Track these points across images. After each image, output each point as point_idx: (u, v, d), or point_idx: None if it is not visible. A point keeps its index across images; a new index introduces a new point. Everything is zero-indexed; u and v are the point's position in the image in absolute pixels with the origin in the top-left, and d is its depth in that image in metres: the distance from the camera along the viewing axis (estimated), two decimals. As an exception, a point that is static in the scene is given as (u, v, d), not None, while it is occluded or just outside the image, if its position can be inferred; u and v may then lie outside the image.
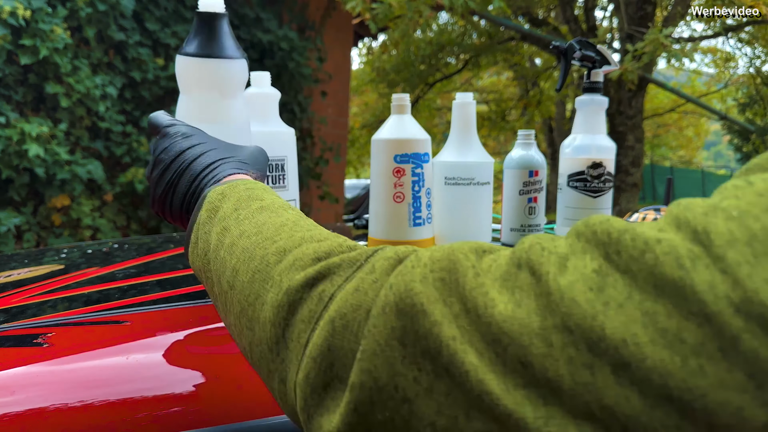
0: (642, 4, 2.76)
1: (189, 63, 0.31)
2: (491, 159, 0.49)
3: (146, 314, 0.33)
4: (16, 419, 0.23)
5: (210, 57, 0.31)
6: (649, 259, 0.10)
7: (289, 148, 0.44)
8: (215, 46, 0.31)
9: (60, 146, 1.63)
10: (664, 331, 0.09)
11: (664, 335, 0.09)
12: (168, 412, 0.24)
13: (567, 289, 0.10)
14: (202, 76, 0.31)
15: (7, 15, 1.46)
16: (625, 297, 0.10)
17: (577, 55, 0.52)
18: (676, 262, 0.10)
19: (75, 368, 0.26)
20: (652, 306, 0.09)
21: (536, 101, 5.27)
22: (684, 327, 0.09)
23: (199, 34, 0.31)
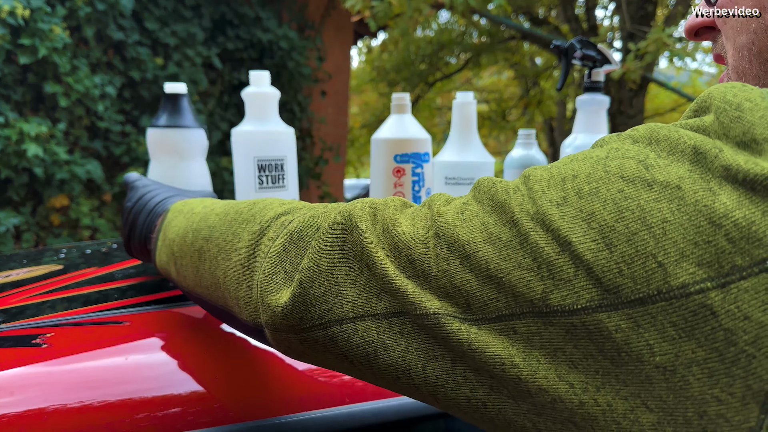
0: (643, 3, 2.76)
1: (156, 132, 0.39)
2: (492, 159, 0.49)
3: (145, 315, 0.33)
4: (15, 420, 0.23)
5: (172, 127, 0.39)
6: (491, 191, 0.16)
7: (289, 148, 0.44)
8: (177, 118, 0.39)
9: (59, 146, 1.62)
10: (490, 233, 0.14)
11: (490, 236, 0.14)
12: (167, 412, 0.24)
13: (443, 213, 0.16)
14: (165, 143, 0.39)
15: (5, 14, 1.46)
16: (473, 215, 0.15)
17: (578, 55, 0.51)
18: (505, 191, 0.15)
19: (74, 369, 0.26)
20: (487, 218, 0.15)
21: (537, 101, 5.27)
22: (501, 230, 0.14)
23: (164, 109, 0.39)
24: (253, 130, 0.43)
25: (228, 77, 2.18)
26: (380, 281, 0.16)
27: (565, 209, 0.13)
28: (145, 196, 0.32)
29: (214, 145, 2.17)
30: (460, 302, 0.14)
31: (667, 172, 0.13)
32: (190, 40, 1.97)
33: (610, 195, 0.13)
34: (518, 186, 0.15)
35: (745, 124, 0.12)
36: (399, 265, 0.16)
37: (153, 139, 0.40)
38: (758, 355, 0.11)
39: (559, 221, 0.13)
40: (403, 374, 0.15)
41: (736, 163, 0.12)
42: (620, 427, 0.12)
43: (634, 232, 0.12)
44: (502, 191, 0.15)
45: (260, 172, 0.43)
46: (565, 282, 0.13)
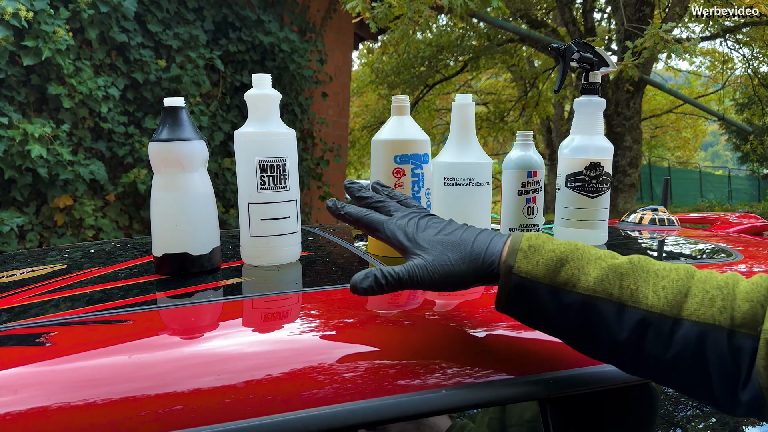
0: (640, 5, 2.77)
1: (157, 146, 0.40)
2: (490, 160, 0.49)
3: (148, 314, 0.33)
4: (19, 418, 0.23)
5: (173, 141, 0.40)
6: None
7: (290, 149, 0.45)
8: (177, 131, 0.40)
9: (62, 147, 1.63)
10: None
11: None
12: (170, 410, 0.24)
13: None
14: (167, 156, 0.40)
15: (9, 16, 1.47)
16: None
17: (576, 57, 0.52)
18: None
19: (77, 367, 0.27)
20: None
21: (535, 102, 5.28)
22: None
23: (164, 123, 0.41)
24: (254, 132, 0.44)
25: (230, 79, 2.20)
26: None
27: None
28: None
29: (217, 146, 2.18)
30: None
31: None
32: (192, 42, 1.98)
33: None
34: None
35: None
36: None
37: (155, 153, 0.40)
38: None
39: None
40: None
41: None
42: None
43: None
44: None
45: (262, 172, 0.43)
46: None
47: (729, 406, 0.22)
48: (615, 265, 0.25)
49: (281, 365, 0.28)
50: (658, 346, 0.23)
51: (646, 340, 0.23)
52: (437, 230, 0.29)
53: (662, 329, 0.23)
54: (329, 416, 0.26)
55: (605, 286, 0.24)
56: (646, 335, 0.23)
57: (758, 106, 4.97)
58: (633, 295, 0.24)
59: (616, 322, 0.24)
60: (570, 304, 0.24)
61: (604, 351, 0.25)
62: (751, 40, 4.24)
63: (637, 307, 0.23)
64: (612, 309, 0.24)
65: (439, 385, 0.28)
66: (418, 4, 1.94)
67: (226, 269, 0.44)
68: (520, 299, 0.26)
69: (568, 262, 0.25)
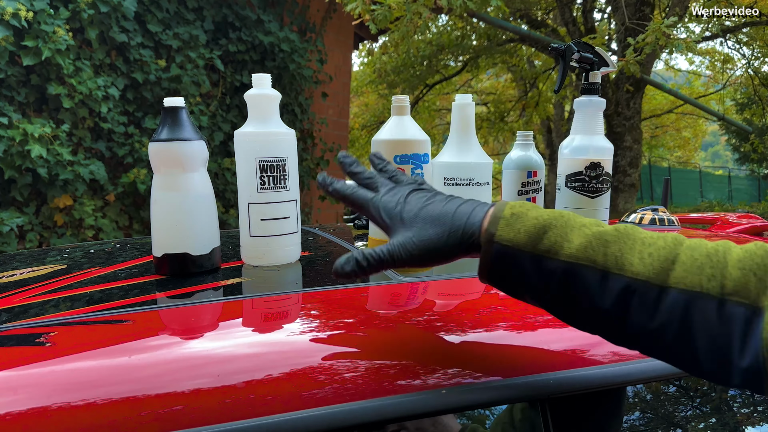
0: (640, 5, 2.77)
1: (157, 146, 0.40)
2: (490, 160, 0.49)
3: (148, 314, 0.33)
4: (19, 418, 0.23)
5: (173, 141, 0.40)
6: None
7: (290, 149, 0.45)
8: (177, 131, 0.40)
9: (62, 147, 1.63)
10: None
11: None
12: (170, 410, 0.24)
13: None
14: (167, 156, 0.40)
15: (9, 16, 1.47)
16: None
17: (576, 57, 0.52)
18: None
19: (77, 367, 0.27)
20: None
21: (535, 102, 5.28)
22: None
23: (164, 123, 0.40)
24: (254, 132, 0.44)
25: (230, 79, 2.20)
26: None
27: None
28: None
29: (217, 146, 2.18)
30: None
31: None
32: (192, 42, 1.98)
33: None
34: None
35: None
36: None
37: (155, 153, 0.40)
38: None
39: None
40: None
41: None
42: None
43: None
44: None
45: (262, 172, 0.43)
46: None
47: (719, 376, 0.21)
48: (600, 233, 0.24)
49: (281, 365, 0.28)
50: (644, 314, 0.22)
51: (631, 308, 0.22)
52: (421, 205, 0.28)
53: (648, 297, 0.22)
54: (329, 416, 0.26)
55: (588, 253, 0.23)
56: (631, 303, 0.22)
57: (758, 106, 4.97)
58: (617, 262, 0.23)
59: (599, 290, 0.23)
60: (552, 272, 0.24)
61: (588, 320, 0.24)
62: (752, 40, 4.24)
63: (621, 274, 0.22)
64: (595, 276, 0.23)
65: (439, 385, 0.28)
66: (417, 6, 1.94)
67: (226, 269, 0.44)
68: (502, 268, 0.25)
69: (551, 229, 0.24)
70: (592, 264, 0.23)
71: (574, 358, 0.30)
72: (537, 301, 0.25)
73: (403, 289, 0.39)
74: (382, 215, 0.28)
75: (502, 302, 0.36)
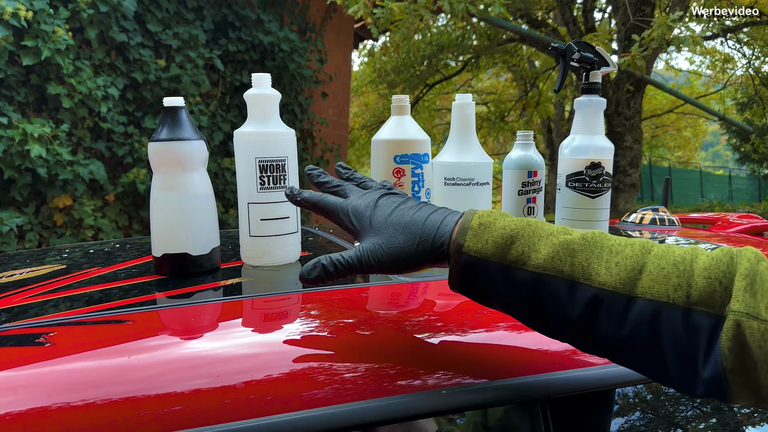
0: (641, 5, 2.77)
1: (157, 146, 0.40)
2: (490, 159, 0.49)
3: (148, 314, 0.33)
4: (19, 418, 0.23)
5: (172, 140, 0.40)
6: None
7: (290, 149, 0.45)
8: (177, 131, 0.40)
9: (62, 147, 1.63)
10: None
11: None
12: (169, 411, 0.24)
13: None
14: (167, 156, 0.40)
15: (9, 16, 1.47)
16: None
17: (576, 57, 0.52)
18: None
19: (77, 368, 0.27)
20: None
21: (535, 102, 5.28)
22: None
23: (164, 123, 0.40)
24: (254, 131, 0.44)
25: (230, 79, 2.20)
26: None
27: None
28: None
29: (216, 146, 2.18)
30: None
31: None
32: (192, 42, 1.98)
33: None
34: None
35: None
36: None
37: (154, 153, 0.40)
38: None
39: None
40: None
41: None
42: None
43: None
44: None
45: (262, 172, 0.43)
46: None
47: (688, 386, 0.21)
48: (567, 242, 0.24)
49: (281, 365, 0.28)
50: (612, 324, 0.22)
51: (599, 318, 0.22)
52: (390, 210, 0.28)
53: (615, 307, 0.22)
54: (329, 416, 0.26)
55: (555, 263, 0.23)
56: (599, 313, 0.22)
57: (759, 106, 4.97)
58: (585, 272, 0.23)
59: (568, 300, 0.23)
60: (521, 282, 0.24)
61: (558, 329, 0.24)
62: (752, 40, 4.24)
63: (588, 284, 0.23)
64: (563, 286, 0.23)
65: (439, 385, 0.27)
66: (418, 8, 1.94)
67: (225, 269, 0.44)
68: (471, 278, 0.25)
69: (518, 239, 0.24)
70: (559, 274, 0.23)
71: (573, 359, 0.30)
72: (507, 311, 0.26)
73: (403, 289, 0.39)
74: (352, 220, 0.28)
75: (502, 302, 0.36)
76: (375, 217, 0.28)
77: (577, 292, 0.23)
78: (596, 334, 0.23)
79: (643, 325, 0.22)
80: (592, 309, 0.23)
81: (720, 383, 0.20)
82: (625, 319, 0.22)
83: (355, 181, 0.32)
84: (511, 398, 0.28)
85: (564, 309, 0.23)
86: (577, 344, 0.25)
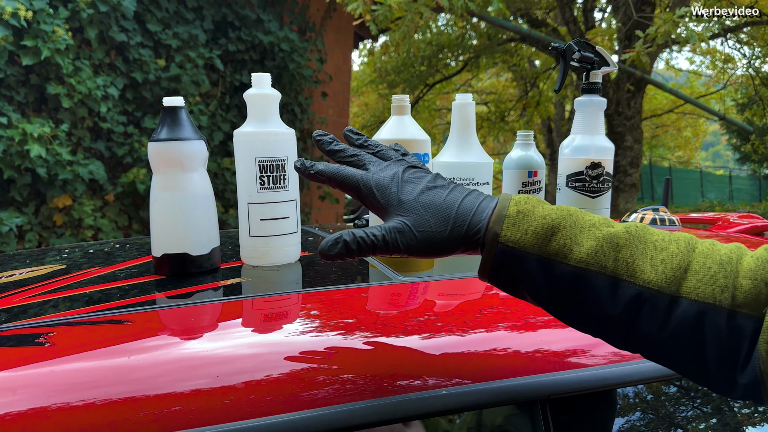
0: (641, 5, 2.77)
1: (157, 146, 0.40)
2: (490, 159, 0.49)
3: (148, 314, 0.33)
4: (19, 418, 0.23)
5: (172, 140, 0.40)
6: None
7: (290, 149, 0.45)
8: (177, 131, 0.40)
9: (61, 146, 1.63)
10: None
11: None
12: (169, 411, 0.24)
13: None
14: (167, 156, 0.40)
15: (8, 16, 1.47)
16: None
17: (576, 56, 0.52)
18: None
19: (77, 368, 0.27)
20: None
21: (535, 102, 5.28)
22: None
23: (164, 123, 0.40)
24: (254, 131, 0.44)
25: (230, 79, 2.19)
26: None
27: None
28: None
29: (216, 145, 2.18)
30: None
31: None
32: (191, 41, 1.98)
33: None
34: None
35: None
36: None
37: (154, 153, 0.40)
38: None
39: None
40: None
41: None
42: None
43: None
44: None
45: (261, 172, 0.43)
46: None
47: (724, 388, 0.21)
48: (610, 235, 0.23)
49: (281, 366, 0.27)
50: (653, 323, 0.21)
51: (640, 317, 0.22)
52: (420, 189, 0.25)
53: (658, 307, 0.21)
54: (329, 416, 0.26)
55: (599, 258, 0.22)
56: (641, 312, 0.22)
57: (759, 106, 4.97)
58: (629, 268, 0.22)
59: (609, 297, 0.22)
60: (560, 276, 0.22)
61: (593, 325, 0.23)
62: (752, 40, 4.24)
63: (632, 282, 0.22)
64: (605, 283, 0.22)
65: (439, 385, 0.27)
66: (418, 6, 1.94)
67: (225, 269, 0.44)
68: (506, 269, 0.23)
69: (559, 230, 0.23)
70: (602, 270, 0.22)
71: (574, 359, 0.30)
72: (539, 302, 0.25)
73: (403, 289, 0.39)
74: (376, 195, 0.25)
75: (502, 302, 0.36)
76: (403, 194, 0.25)
77: (619, 290, 0.22)
78: (634, 333, 0.22)
79: (686, 326, 0.21)
80: (634, 307, 0.22)
81: (757, 386, 0.20)
82: (668, 318, 0.21)
83: (371, 149, 0.28)
84: (511, 398, 0.28)
85: (604, 306, 0.22)
86: (611, 341, 0.24)
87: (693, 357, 0.21)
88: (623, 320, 0.22)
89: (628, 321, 0.22)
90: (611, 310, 0.22)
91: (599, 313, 0.23)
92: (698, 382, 0.22)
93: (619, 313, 0.22)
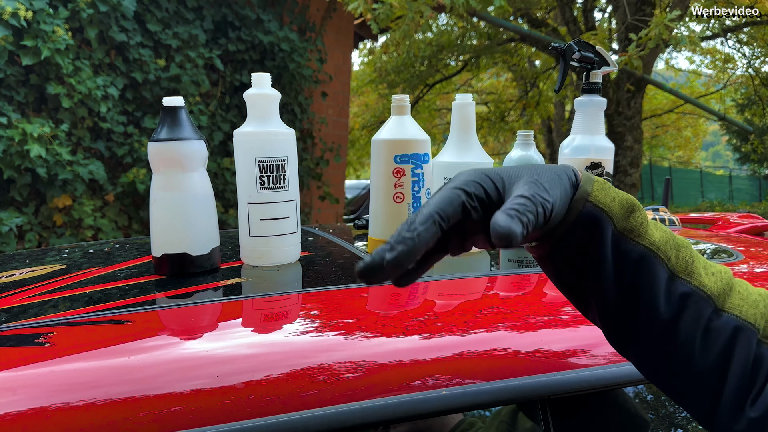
0: (641, 5, 2.77)
1: (157, 146, 0.40)
2: (490, 159, 0.49)
3: (148, 314, 0.33)
4: (19, 418, 0.23)
5: (172, 140, 0.40)
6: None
7: (290, 149, 0.45)
8: (176, 131, 0.40)
9: (61, 146, 1.63)
10: None
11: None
12: (169, 411, 0.24)
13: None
14: (167, 156, 0.40)
15: (8, 16, 1.47)
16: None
17: (576, 56, 0.52)
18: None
19: (77, 368, 0.27)
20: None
21: (535, 102, 5.28)
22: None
23: (164, 123, 0.40)
24: (254, 131, 0.44)
25: (229, 79, 2.20)
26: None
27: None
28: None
29: (216, 145, 2.18)
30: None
31: None
32: (191, 41, 1.98)
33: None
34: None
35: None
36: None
37: (154, 153, 0.40)
38: None
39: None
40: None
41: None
42: None
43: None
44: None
45: (261, 172, 0.43)
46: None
47: (729, 419, 0.21)
48: (672, 233, 0.23)
49: (281, 366, 0.27)
50: (695, 327, 0.21)
51: (683, 317, 0.21)
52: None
53: (704, 312, 0.21)
54: (329, 416, 0.26)
55: (667, 248, 0.22)
56: (684, 313, 0.21)
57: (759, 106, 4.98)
58: (687, 268, 0.22)
59: (664, 288, 0.22)
60: (628, 253, 0.21)
61: (641, 310, 0.22)
62: (752, 40, 4.24)
63: (688, 281, 0.22)
64: (665, 273, 0.22)
65: (439, 385, 0.27)
66: (419, 5, 1.94)
67: (225, 269, 0.44)
68: (582, 230, 0.21)
69: (638, 209, 0.22)
70: (666, 259, 0.22)
71: (574, 359, 0.30)
72: (588, 277, 0.22)
73: (403, 289, 0.39)
74: (486, 188, 0.20)
75: (502, 302, 0.36)
76: (502, 170, 0.21)
77: (673, 285, 0.22)
78: (674, 331, 0.22)
79: (721, 338, 0.21)
80: (681, 306, 0.22)
81: (764, 422, 0.20)
82: (709, 324, 0.22)
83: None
84: (511, 398, 0.28)
85: (657, 295, 0.21)
86: (642, 336, 0.22)
87: (717, 374, 0.21)
88: (668, 315, 0.22)
89: (673, 317, 0.22)
90: (662, 300, 0.22)
91: (649, 301, 0.22)
92: (702, 410, 0.22)
93: (667, 306, 0.22)
